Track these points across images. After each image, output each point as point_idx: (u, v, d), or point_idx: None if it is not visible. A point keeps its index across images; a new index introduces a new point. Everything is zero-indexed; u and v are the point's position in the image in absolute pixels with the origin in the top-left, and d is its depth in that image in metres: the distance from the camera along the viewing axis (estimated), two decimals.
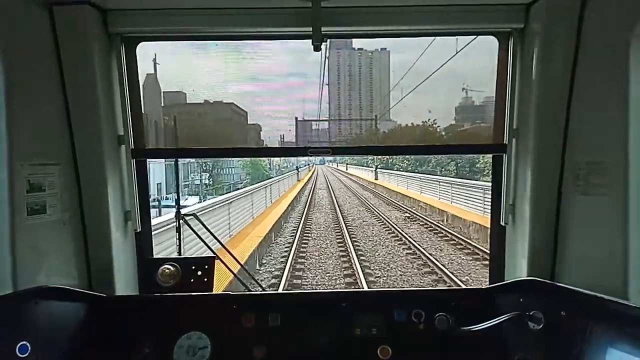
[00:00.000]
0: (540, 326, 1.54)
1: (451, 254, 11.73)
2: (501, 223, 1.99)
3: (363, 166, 46.34)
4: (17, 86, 1.52)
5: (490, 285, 1.90)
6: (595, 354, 1.32)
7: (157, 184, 22.75)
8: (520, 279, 1.79)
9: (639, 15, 1.37)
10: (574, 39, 1.64)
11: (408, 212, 18.93)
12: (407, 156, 29.88)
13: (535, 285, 1.67)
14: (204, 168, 24.94)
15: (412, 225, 15.92)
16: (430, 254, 11.17)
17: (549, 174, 1.77)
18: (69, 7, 1.66)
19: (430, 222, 15.81)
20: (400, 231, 14.29)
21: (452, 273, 9.69)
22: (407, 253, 11.81)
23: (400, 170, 31.28)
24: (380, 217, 17.68)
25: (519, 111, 1.85)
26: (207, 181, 23.95)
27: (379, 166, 37.16)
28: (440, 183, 19.86)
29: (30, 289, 1.53)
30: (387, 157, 32.58)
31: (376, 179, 36.25)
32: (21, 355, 1.40)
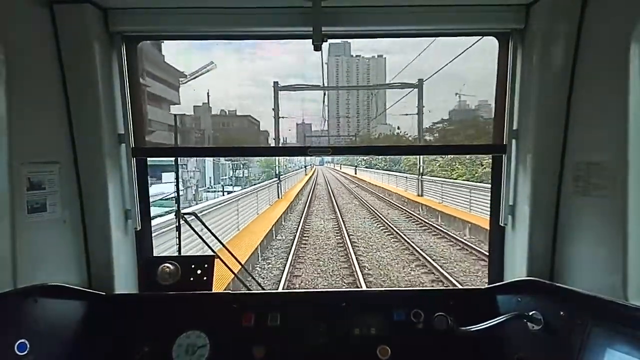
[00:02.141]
0: (540, 326, 1.54)
1: (369, 196, 28.38)
2: (500, 224, 1.99)
3: (354, 166, 66.33)
4: (18, 84, 1.51)
5: (490, 286, 1.90)
6: (594, 355, 1.31)
7: (209, 177, 32.47)
8: (520, 279, 1.79)
9: (639, 16, 1.37)
10: (574, 39, 1.64)
11: (360, 186, 39.41)
12: (385, 158, 42.11)
13: (534, 286, 1.67)
14: (238, 167, 34.66)
15: (359, 190, 34.57)
16: (359, 196, 28.58)
17: (548, 174, 1.77)
18: (70, 5, 1.65)
19: (370, 190, 33.67)
20: (353, 191, 33.15)
21: (362, 198, 26.66)
22: (352, 197, 28.35)
23: (379, 169, 44.91)
24: (347, 188, 38.31)
25: (519, 112, 1.85)
26: (245, 175, 34.83)
27: (363, 166, 56.67)
28: (391, 175, 34.38)
29: (30, 286, 1.53)
30: (370, 158, 45.74)
31: (355, 173, 58.87)
32: (20, 354, 1.39)
